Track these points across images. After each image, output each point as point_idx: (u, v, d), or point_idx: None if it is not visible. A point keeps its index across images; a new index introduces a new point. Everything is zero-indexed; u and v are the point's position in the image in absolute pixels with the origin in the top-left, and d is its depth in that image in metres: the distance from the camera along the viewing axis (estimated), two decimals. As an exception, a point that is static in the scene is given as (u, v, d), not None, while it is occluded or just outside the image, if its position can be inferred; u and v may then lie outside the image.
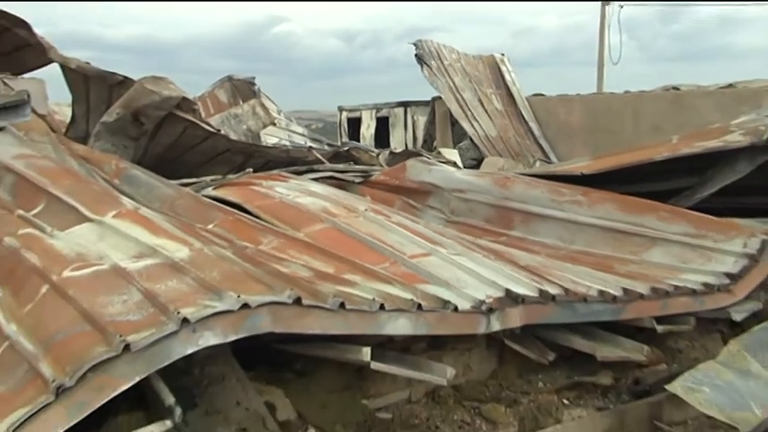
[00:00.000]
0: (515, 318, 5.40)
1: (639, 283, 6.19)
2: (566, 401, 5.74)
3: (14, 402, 3.84)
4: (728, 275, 6.46)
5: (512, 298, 5.42)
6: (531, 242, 7.42)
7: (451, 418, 5.39)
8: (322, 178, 8.92)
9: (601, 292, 5.84)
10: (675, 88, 18.88)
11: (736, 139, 7.47)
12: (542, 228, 7.61)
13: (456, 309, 5.14)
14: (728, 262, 6.65)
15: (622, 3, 26.92)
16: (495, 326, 5.27)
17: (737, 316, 6.34)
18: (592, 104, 18.96)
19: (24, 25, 10.02)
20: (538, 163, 14.17)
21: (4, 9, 9.80)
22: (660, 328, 6.10)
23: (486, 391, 5.71)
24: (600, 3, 27.14)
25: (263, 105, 15.44)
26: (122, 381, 3.91)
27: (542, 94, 18.90)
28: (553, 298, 5.60)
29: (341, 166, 10.30)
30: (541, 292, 5.61)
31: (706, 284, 6.33)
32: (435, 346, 5.60)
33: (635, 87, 19.48)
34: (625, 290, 5.95)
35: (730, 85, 17.60)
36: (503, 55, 18.27)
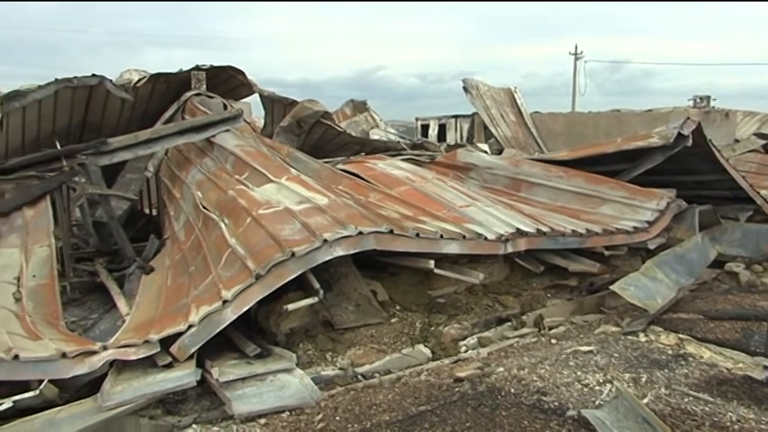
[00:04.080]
0: (522, 244, 5.91)
1: (595, 226, 6.57)
2: (548, 295, 6.22)
3: (235, 282, 4.56)
4: (647, 222, 6.82)
5: (520, 232, 5.93)
6: (532, 200, 7.62)
7: (480, 302, 5.86)
8: (405, 159, 9.13)
9: (573, 231, 6.28)
10: (617, 111, 19.32)
11: (655, 141, 7.62)
12: (538, 191, 7.82)
13: (486, 238, 5.69)
14: (647, 214, 6.96)
15: (587, 60, 36.54)
16: (509, 249, 5.80)
17: (651, 246, 6.74)
18: (569, 118, 19.48)
19: (241, 73, 10.72)
20: (536, 153, 14.45)
21: (233, 65, 10.56)
22: (607, 253, 6.52)
23: (501, 287, 6.14)
24: (573, 59, 36.44)
25: (371, 116, 15.92)
26: (290, 273, 4.55)
27: (539, 112, 19.24)
28: (544, 233, 6.08)
29: (417, 152, 10.56)
30: (537, 229, 6.08)
31: (635, 227, 6.71)
32: (472, 260, 5.97)
33: (594, 110, 20.18)
34: (587, 230, 6.40)
35: (650, 110, 18.04)
36: (515, 88, 18.74)
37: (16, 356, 3.84)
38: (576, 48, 37.74)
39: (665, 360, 4.56)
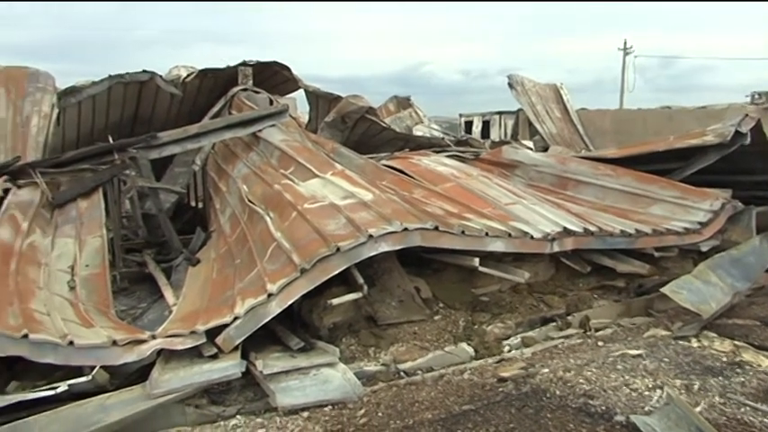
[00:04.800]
0: (569, 244, 5.80)
1: (645, 226, 6.37)
2: (595, 296, 6.06)
3: (280, 275, 4.61)
4: (700, 223, 6.59)
5: (566, 232, 5.82)
6: (579, 199, 7.47)
7: (525, 302, 5.78)
8: (450, 155, 9.05)
9: (622, 231, 6.11)
10: (668, 108, 18.68)
11: (710, 139, 7.40)
12: (586, 190, 7.65)
13: (532, 237, 5.60)
14: (700, 215, 6.74)
15: (636, 55, 35.74)
16: (555, 248, 5.70)
17: (704, 248, 6.48)
18: (616, 115, 18.92)
19: (287, 68, 10.91)
20: (583, 151, 14.12)
21: (279, 61, 10.84)
22: (657, 254, 6.32)
23: (546, 287, 6.05)
24: (622, 54, 35.96)
25: (415, 112, 15.88)
26: (335, 268, 4.57)
27: (585, 109, 18.83)
28: (592, 233, 5.95)
29: (461, 149, 10.44)
30: (585, 229, 5.96)
31: (686, 228, 6.50)
32: (517, 258, 5.89)
33: (643, 106, 19.55)
34: (637, 230, 6.22)
35: (703, 107, 17.38)
36: (561, 84, 18.36)
37: (71, 342, 3.96)
38: (626, 43, 36.79)
39: (719, 367, 4.39)
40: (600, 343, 5.07)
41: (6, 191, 6.54)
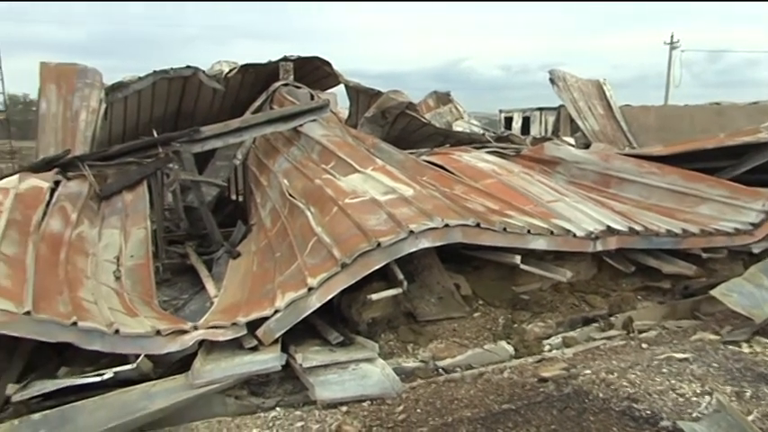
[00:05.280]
0: (612, 243, 5.67)
1: (692, 226, 6.21)
2: (639, 297, 5.93)
3: (320, 269, 4.63)
4: (751, 224, 6.38)
5: (610, 230, 5.70)
6: (622, 197, 7.33)
7: (566, 301, 5.70)
8: (491, 151, 8.98)
9: (668, 231, 5.96)
10: (717, 104, 18.03)
11: (764, 136, 7.17)
12: (630, 188, 7.49)
13: (575, 235, 5.49)
14: (752, 215, 6.53)
15: (683, 49, 34.93)
16: (599, 247, 5.59)
17: (756, 250, 6.28)
18: (662, 112, 18.30)
19: (328, 64, 11.02)
20: (626, 148, 13.78)
21: (320, 56, 10.93)
22: (705, 255, 6.12)
23: (588, 287, 5.93)
24: (669, 49, 35.36)
25: (455, 107, 15.78)
26: (375, 263, 4.58)
27: (629, 105, 18.38)
28: (637, 232, 5.80)
29: (502, 145, 10.38)
30: (630, 228, 5.81)
31: (736, 229, 6.30)
32: (558, 257, 5.78)
33: (690, 102, 18.88)
34: (684, 230, 6.05)
35: (755, 103, 16.68)
36: (604, 79, 17.98)
37: (117, 331, 4.05)
38: (672, 37, 35.70)
39: (772, 374, 4.21)
40: (644, 345, 4.94)
41: (57, 183, 6.73)
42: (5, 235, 4.91)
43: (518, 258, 5.26)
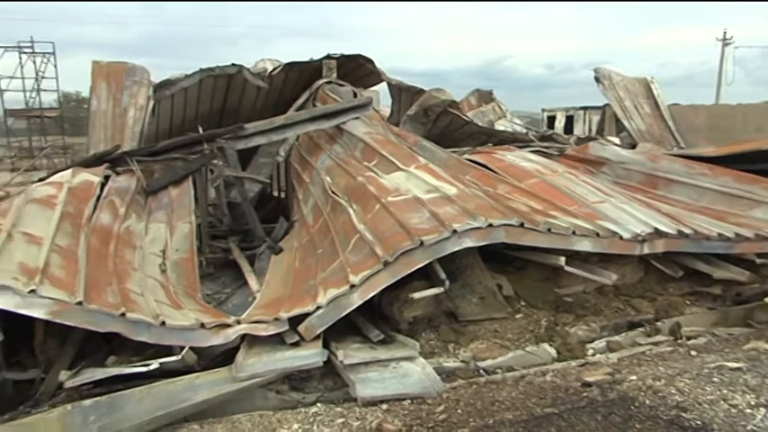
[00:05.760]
0: (660, 246, 5.52)
1: (746, 230, 5.99)
2: (687, 302, 5.74)
3: (362, 267, 4.62)
4: None
5: (658, 233, 5.54)
6: (670, 199, 7.14)
7: (610, 305, 5.55)
8: (534, 151, 8.87)
9: (719, 234, 5.76)
10: None
11: None
12: (678, 190, 7.30)
13: (621, 237, 5.36)
14: None
15: (737, 45, 33.90)
16: (645, 250, 5.45)
17: None
18: (713, 111, 17.66)
19: (370, 61, 11.08)
20: (675, 149, 13.38)
21: (363, 54, 10.98)
22: (759, 261, 5.92)
23: (634, 290, 5.78)
24: (721, 45, 34.35)
25: (498, 106, 15.67)
26: (418, 262, 4.55)
27: (678, 104, 17.81)
28: (686, 235, 5.63)
29: (546, 144, 10.24)
30: (679, 231, 5.64)
31: None
32: (603, 259, 5.66)
33: (743, 101, 18.08)
34: (737, 234, 5.83)
35: None
36: (652, 77, 17.50)
37: (163, 323, 4.13)
38: (725, 33, 34.52)
39: (832, 387, 4.02)
40: (693, 352, 4.79)
41: (107, 177, 6.92)
42: (60, 227, 5.06)
43: (562, 260, 5.19)
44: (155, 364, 4.00)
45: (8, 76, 25.16)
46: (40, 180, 7.14)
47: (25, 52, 25.34)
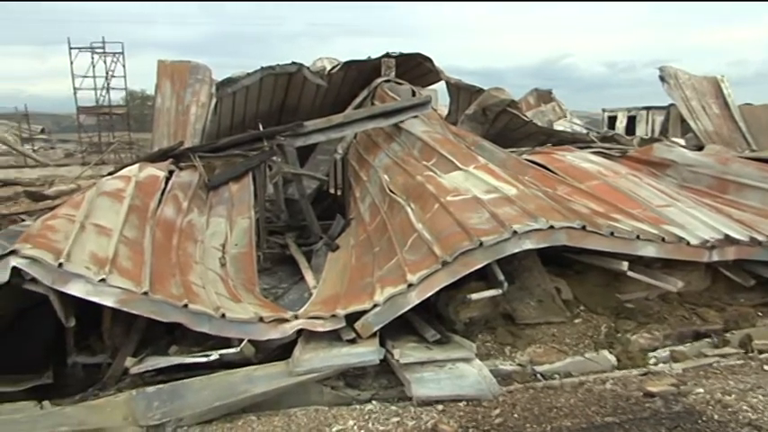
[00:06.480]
0: (730, 253, 5.30)
1: None
2: (759, 314, 5.46)
3: (420, 266, 4.59)
4: None
5: (729, 240, 5.32)
6: (742, 204, 6.79)
7: (675, 313, 5.34)
8: (595, 152, 8.62)
9: None
10: None
11: None
12: (751, 194, 6.93)
13: (688, 243, 5.17)
14: None
15: None
16: (714, 257, 5.24)
17: None
18: (791, 111, 16.68)
19: (429, 60, 11.12)
20: (746, 151, 12.76)
21: (421, 52, 11.06)
22: None
23: (700, 299, 5.57)
24: None
25: (559, 106, 15.41)
26: (477, 263, 4.49)
27: (750, 104, 16.92)
28: (759, 242, 5.40)
29: (607, 145, 10.00)
30: (751, 238, 5.40)
31: None
32: (667, 265, 5.42)
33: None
34: (818, 243, 5.44)
35: None
36: (722, 76, 16.71)
37: (223, 315, 4.22)
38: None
39: None
40: (766, 367, 4.54)
41: (171, 172, 7.14)
42: (127, 219, 5.25)
43: (625, 264, 5.00)
44: (215, 355, 4.11)
45: (81, 76, 26.34)
46: (109, 174, 7.45)
47: (97, 52, 26.47)
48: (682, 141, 14.04)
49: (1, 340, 4.65)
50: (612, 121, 23.72)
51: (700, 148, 13.35)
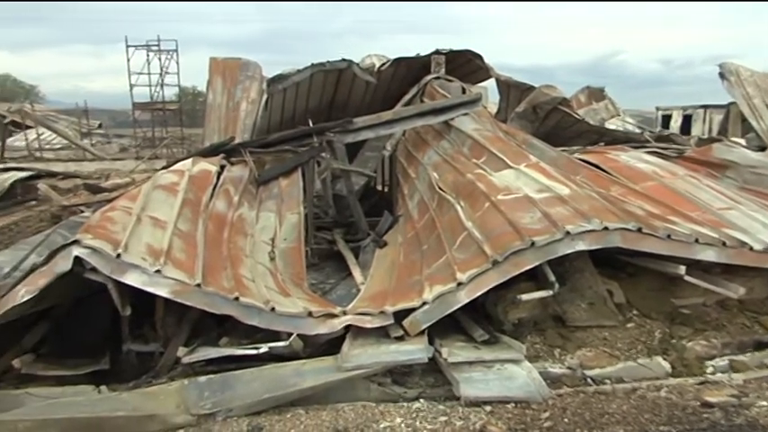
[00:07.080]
0: (799, 260, 5.00)
1: None
2: (829, 325, 5.14)
3: (470, 265, 4.56)
4: None
5: (798, 246, 5.02)
6: (812, 209, 6.39)
7: (734, 320, 5.12)
8: (650, 152, 8.38)
9: None
10: None
11: None
12: (821, 198, 6.53)
13: (751, 248, 4.96)
14: None
15: None
16: (782, 264, 4.96)
17: None
18: None
19: (479, 57, 11.09)
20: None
21: (472, 49, 11.02)
22: None
23: (763, 307, 5.30)
24: None
25: (611, 104, 15.07)
26: (528, 263, 4.42)
27: (820, 102, 16.08)
28: (833, 249, 5.05)
29: (662, 145, 9.74)
30: (824, 244, 5.08)
31: None
32: (727, 270, 5.19)
33: None
34: None
35: None
36: (789, 73, 15.96)
37: (273, 309, 4.28)
38: None
39: None
40: (833, 379, 4.34)
41: (222, 167, 7.29)
42: (181, 212, 5.38)
43: (682, 269, 4.83)
44: (264, 348, 4.17)
45: (137, 73, 27.15)
46: (163, 168, 7.67)
47: (152, 50, 27.21)
48: (742, 141, 13.46)
49: (61, 327, 4.84)
50: (667, 119, 22.96)
51: (762, 148, 12.80)
